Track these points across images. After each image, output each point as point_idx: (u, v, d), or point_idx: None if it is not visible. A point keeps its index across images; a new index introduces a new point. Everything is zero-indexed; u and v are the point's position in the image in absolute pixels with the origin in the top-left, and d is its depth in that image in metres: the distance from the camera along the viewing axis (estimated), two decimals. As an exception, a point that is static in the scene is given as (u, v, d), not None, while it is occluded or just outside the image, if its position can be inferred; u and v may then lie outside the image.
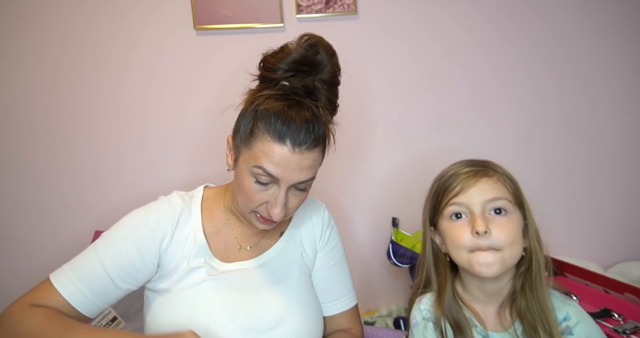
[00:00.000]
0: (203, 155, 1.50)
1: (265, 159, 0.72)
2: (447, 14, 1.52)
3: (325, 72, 0.78)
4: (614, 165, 1.62)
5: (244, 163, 0.76)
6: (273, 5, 1.43)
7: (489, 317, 0.77)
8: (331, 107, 0.81)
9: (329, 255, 0.92)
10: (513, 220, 0.72)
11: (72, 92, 1.44)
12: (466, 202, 0.73)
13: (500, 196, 0.72)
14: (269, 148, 0.72)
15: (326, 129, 0.77)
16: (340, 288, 0.93)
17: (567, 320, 0.73)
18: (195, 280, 0.79)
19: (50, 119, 1.44)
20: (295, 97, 0.75)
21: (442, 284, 0.79)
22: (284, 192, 0.75)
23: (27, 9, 1.39)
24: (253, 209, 0.78)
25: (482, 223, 0.70)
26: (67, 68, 1.42)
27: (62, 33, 1.41)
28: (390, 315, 1.51)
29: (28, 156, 1.44)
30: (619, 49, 1.58)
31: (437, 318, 0.77)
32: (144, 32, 1.44)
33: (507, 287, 0.76)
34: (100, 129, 1.46)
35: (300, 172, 0.74)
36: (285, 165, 0.72)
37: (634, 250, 1.63)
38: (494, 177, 0.74)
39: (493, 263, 0.69)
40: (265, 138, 0.73)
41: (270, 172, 0.73)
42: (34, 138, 1.44)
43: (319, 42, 0.78)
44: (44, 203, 1.45)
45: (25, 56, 1.41)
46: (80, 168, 1.46)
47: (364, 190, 1.57)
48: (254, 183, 0.75)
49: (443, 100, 1.56)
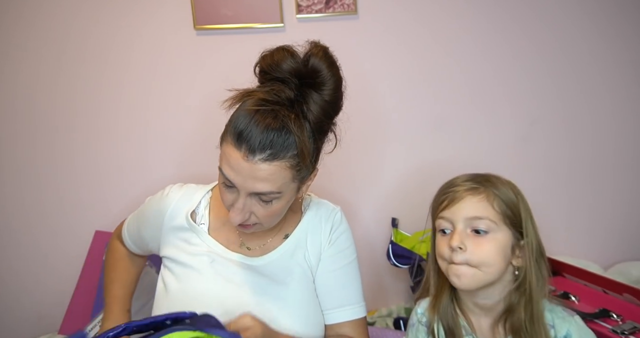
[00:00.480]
0: (202, 155, 1.50)
1: (225, 161, 0.72)
2: (447, 13, 1.52)
3: (326, 90, 0.73)
4: (614, 164, 1.62)
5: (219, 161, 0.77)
6: (273, 5, 1.43)
7: (483, 328, 0.78)
8: (325, 121, 0.75)
9: (333, 259, 0.88)
10: (493, 241, 0.72)
11: (72, 92, 1.44)
12: (450, 217, 0.74)
13: (482, 215, 0.72)
14: (228, 151, 0.71)
15: (301, 143, 0.70)
16: (345, 296, 0.87)
17: (568, 337, 0.73)
18: (196, 267, 0.82)
19: (49, 119, 1.44)
20: (272, 105, 0.70)
21: (440, 290, 0.80)
22: (242, 198, 0.73)
23: (27, 9, 1.39)
24: (228, 210, 0.77)
25: (457, 239, 0.72)
26: (67, 68, 1.43)
27: (62, 33, 1.41)
28: (390, 315, 1.51)
29: (27, 156, 1.44)
30: (618, 48, 1.58)
31: (430, 322, 0.79)
32: (143, 32, 1.44)
33: (501, 303, 0.76)
34: (100, 129, 1.46)
35: (254, 182, 0.70)
36: (237, 172, 0.70)
37: (634, 250, 1.63)
38: (480, 195, 0.74)
39: (463, 275, 0.71)
40: (227, 140, 0.72)
41: (226, 175, 0.72)
42: (33, 138, 1.44)
43: (322, 56, 0.73)
44: (43, 204, 1.46)
45: (25, 56, 1.41)
46: (79, 168, 1.46)
47: (363, 191, 1.57)
48: (222, 183, 0.76)
49: (443, 100, 1.56)
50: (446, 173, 0.84)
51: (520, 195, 0.76)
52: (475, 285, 0.72)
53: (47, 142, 1.44)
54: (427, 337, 0.80)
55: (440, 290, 0.80)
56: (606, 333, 1.03)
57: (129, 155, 1.48)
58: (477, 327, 0.78)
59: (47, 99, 1.43)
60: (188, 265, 0.83)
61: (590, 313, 1.10)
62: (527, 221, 0.74)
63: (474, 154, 1.54)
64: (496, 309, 0.77)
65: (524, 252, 0.74)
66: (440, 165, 1.46)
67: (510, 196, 0.75)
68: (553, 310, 0.76)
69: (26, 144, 1.44)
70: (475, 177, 0.78)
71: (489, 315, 0.78)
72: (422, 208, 1.42)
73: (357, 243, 1.67)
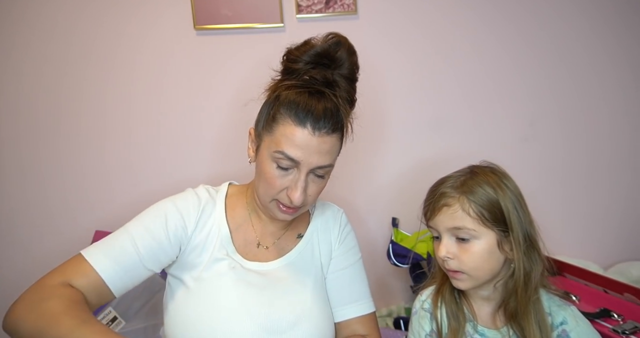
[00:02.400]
0: (205, 154, 1.50)
1: (286, 142, 0.75)
2: (446, 14, 1.52)
3: (345, 67, 0.81)
4: (611, 164, 1.62)
5: (265, 149, 0.79)
6: (273, 5, 1.43)
7: (484, 315, 0.81)
8: (349, 100, 0.84)
9: (343, 257, 0.92)
10: (477, 246, 0.74)
11: (74, 93, 1.44)
12: (435, 227, 0.79)
13: (460, 225, 0.74)
14: (290, 131, 0.75)
15: (345, 118, 0.80)
16: (356, 292, 0.91)
17: (564, 324, 0.75)
18: (217, 272, 0.81)
19: (53, 119, 1.44)
20: (316, 86, 0.79)
21: (444, 278, 0.83)
22: (304, 175, 0.77)
23: (30, 11, 1.40)
24: (274, 197, 0.80)
25: (442, 249, 0.76)
26: (70, 68, 1.43)
27: (64, 33, 1.41)
28: (390, 315, 1.51)
29: (31, 156, 1.44)
30: (615, 49, 1.58)
31: (433, 308, 0.82)
32: (143, 32, 1.44)
33: (497, 292, 0.79)
34: (102, 129, 1.46)
35: (319, 155, 0.76)
36: (305, 148, 0.75)
37: (634, 250, 1.64)
38: (454, 205, 0.75)
39: (459, 280, 0.76)
40: (287, 122, 0.76)
41: (290, 155, 0.75)
42: (36, 138, 1.44)
43: (343, 41, 0.81)
44: (46, 203, 1.46)
45: (29, 57, 1.41)
46: (82, 168, 1.46)
47: (364, 191, 1.57)
48: (275, 168, 0.77)
49: (442, 101, 1.56)
50: (445, 173, 0.84)
51: (501, 187, 0.75)
52: (472, 286, 0.77)
53: (50, 142, 1.44)
54: (430, 322, 0.82)
55: (444, 279, 0.83)
56: (607, 332, 1.03)
57: (131, 155, 1.48)
58: (478, 313, 0.80)
59: (49, 100, 1.43)
60: (208, 269, 0.82)
61: (591, 313, 1.10)
62: (511, 214, 0.74)
63: (473, 154, 1.51)
64: (495, 298, 0.80)
65: (512, 244, 0.75)
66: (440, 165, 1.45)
67: (488, 196, 0.74)
68: (550, 299, 0.78)
69: (29, 144, 1.44)
70: (456, 179, 0.78)
71: (489, 303, 0.81)
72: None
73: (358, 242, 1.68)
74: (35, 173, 1.45)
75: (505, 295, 0.78)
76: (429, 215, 0.79)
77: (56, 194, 1.46)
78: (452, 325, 0.78)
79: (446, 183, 0.79)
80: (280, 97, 0.78)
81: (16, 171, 1.44)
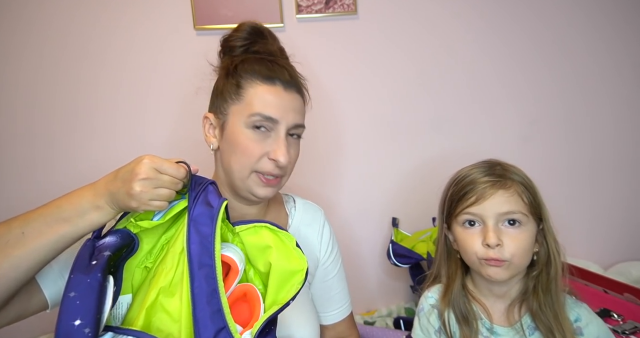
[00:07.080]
0: (203, 156, 1.50)
1: (260, 102, 0.75)
2: (447, 14, 1.52)
3: (277, 41, 0.85)
4: (613, 164, 1.62)
5: (236, 121, 0.77)
6: (273, 5, 1.43)
7: (497, 312, 0.79)
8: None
9: (331, 266, 0.93)
10: (525, 232, 0.73)
11: (72, 92, 1.43)
12: (480, 213, 0.74)
13: (515, 210, 0.72)
14: (262, 90, 0.75)
15: (303, 81, 0.82)
16: (341, 297, 0.95)
17: (578, 321, 0.75)
18: None
19: (49, 119, 1.44)
20: (269, 56, 0.81)
21: (451, 278, 0.81)
22: (283, 133, 0.76)
23: (27, 9, 1.39)
24: (253, 168, 0.76)
25: (493, 236, 0.71)
26: (67, 68, 1.42)
27: (62, 33, 1.41)
28: (390, 315, 1.51)
29: (26, 156, 1.44)
30: (618, 49, 1.58)
31: (441, 309, 0.80)
32: (143, 32, 1.44)
33: (516, 287, 0.77)
34: (99, 129, 1.46)
35: (294, 113, 0.77)
36: (279, 106, 0.75)
37: (634, 250, 1.64)
38: (510, 189, 0.73)
39: (501, 273, 0.72)
40: (255, 83, 0.76)
41: (268, 114, 0.74)
42: (33, 138, 1.43)
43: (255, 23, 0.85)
44: (43, 203, 1.45)
45: (26, 56, 1.41)
46: (79, 169, 1.46)
47: (364, 191, 1.57)
48: (252, 134, 0.75)
49: (443, 100, 1.56)
50: (446, 173, 0.84)
51: (530, 178, 0.77)
52: (510, 276, 0.73)
53: (47, 142, 1.44)
54: (439, 321, 0.80)
55: (452, 279, 0.81)
56: (607, 333, 1.03)
57: (128, 156, 1.47)
58: (491, 310, 0.78)
59: (47, 99, 1.43)
60: None
61: (591, 313, 1.10)
62: (543, 204, 0.75)
63: (474, 153, 1.52)
64: (511, 293, 0.78)
65: (544, 238, 0.75)
66: (440, 165, 1.46)
67: (530, 185, 0.76)
68: (565, 296, 0.77)
69: (25, 144, 1.43)
70: (493, 169, 0.77)
71: (504, 300, 0.79)
72: (423, 208, 1.43)
73: (358, 242, 1.68)
74: (31, 173, 1.44)
75: (523, 290, 0.76)
76: (474, 201, 0.74)
77: (56, 194, 1.46)
78: (464, 331, 0.76)
79: (480, 169, 0.77)
80: (239, 67, 0.78)
81: (12, 171, 1.43)
